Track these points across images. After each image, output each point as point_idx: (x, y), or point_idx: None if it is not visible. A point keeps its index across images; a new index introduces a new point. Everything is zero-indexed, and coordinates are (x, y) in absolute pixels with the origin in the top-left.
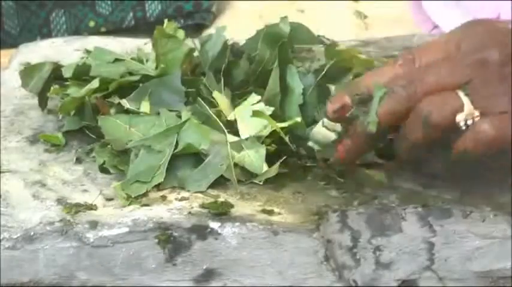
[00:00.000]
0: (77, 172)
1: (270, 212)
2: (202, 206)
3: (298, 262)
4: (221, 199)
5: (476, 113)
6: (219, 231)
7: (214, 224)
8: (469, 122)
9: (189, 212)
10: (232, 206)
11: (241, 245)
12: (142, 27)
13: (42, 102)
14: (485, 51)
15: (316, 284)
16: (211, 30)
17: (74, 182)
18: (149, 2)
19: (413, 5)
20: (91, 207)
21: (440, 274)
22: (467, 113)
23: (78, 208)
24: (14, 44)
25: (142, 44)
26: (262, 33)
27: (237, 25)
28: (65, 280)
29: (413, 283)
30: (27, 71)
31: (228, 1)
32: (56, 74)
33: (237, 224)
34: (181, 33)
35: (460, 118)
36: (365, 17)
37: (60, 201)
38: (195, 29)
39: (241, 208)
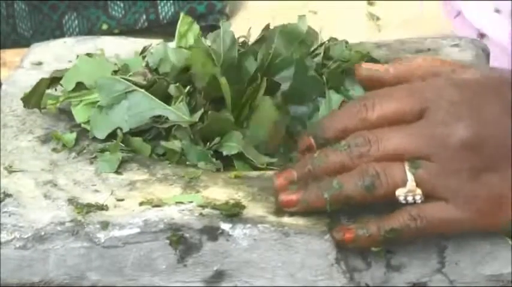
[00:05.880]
0: (88, 172)
1: (282, 214)
2: (214, 207)
3: (309, 264)
4: (233, 201)
5: (419, 191)
6: (230, 232)
7: (225, 226)
8: (409, 198)
9: (200, 213)
10: (243, 207)
11: (252, 246)
12: (155, 29)
13: (39, 107)
14: (453, 126)
15: (327, 286)
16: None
17: (85, 182)
18: (162, 4)
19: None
20: (102, 207)
21: (451, 278)
22: (407, 190)
23: (89, 208)
24: (27, 46)
25: (155, 45)
26: (278, 30)
27: (250, 26)
28: (76, 280)
29: (424, 285)
30: (28, 96)
31: (241, 1)
32: (53, 84)
33: (248, 225)
34: (196, 29)
35: (399, 193)
36: (378, 19)
37: (71, 201)
38: (209, 30)
39: (253, 209)
